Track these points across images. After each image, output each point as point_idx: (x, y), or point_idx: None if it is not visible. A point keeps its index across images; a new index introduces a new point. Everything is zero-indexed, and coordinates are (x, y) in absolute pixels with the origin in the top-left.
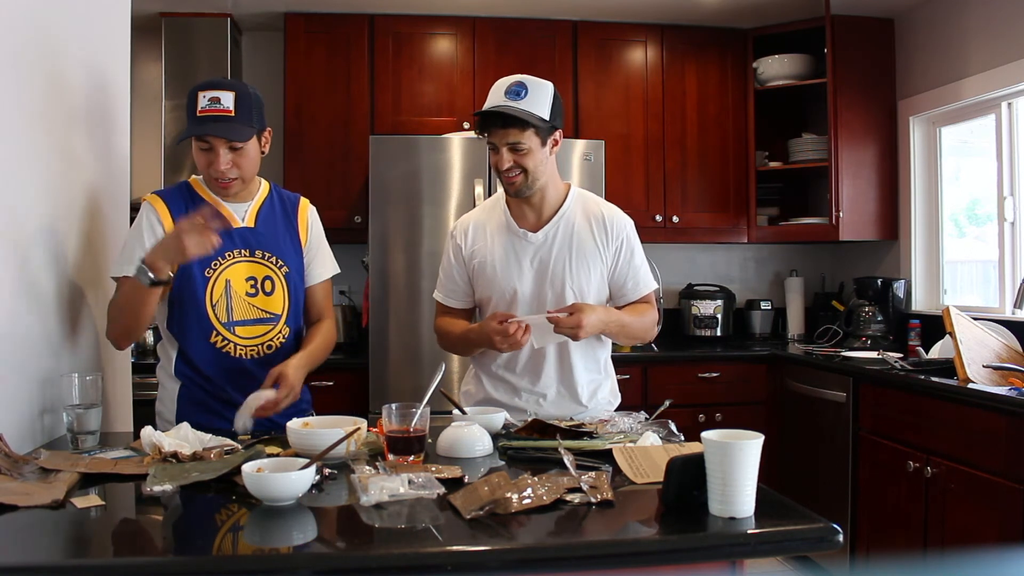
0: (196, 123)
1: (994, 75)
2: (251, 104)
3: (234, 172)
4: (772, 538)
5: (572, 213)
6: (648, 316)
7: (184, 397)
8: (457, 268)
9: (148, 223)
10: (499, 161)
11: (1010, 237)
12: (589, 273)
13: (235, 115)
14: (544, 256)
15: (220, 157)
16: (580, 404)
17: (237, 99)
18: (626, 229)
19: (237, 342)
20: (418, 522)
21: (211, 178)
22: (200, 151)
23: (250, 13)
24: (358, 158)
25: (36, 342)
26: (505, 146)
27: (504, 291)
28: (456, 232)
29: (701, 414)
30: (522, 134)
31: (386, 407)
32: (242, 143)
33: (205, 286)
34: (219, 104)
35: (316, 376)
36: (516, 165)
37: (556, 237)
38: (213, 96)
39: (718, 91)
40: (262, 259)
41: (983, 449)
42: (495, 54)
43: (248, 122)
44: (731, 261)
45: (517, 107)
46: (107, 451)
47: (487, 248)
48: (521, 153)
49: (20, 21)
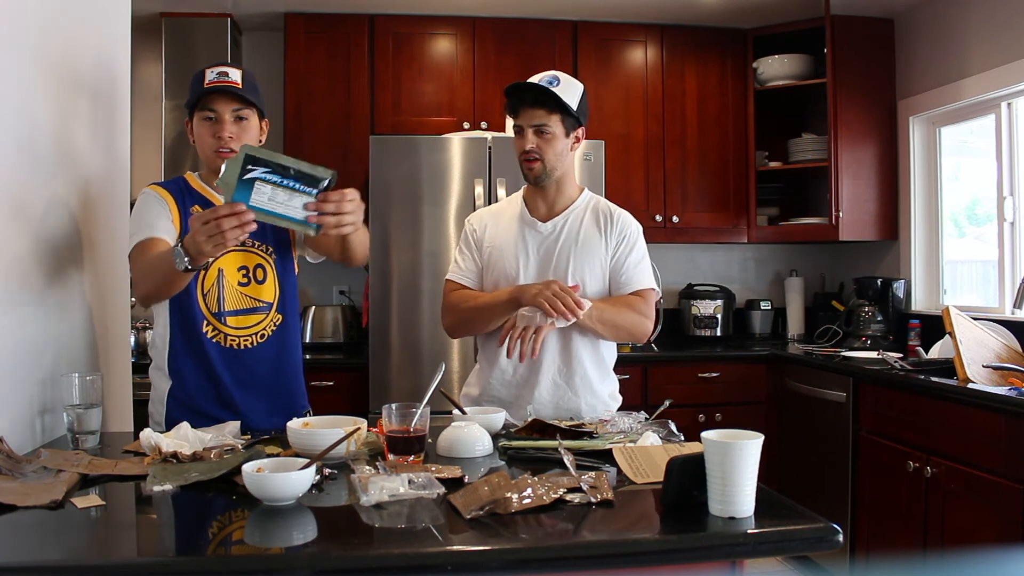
0: (203, 92)
1: (994, 75)
2: (255, 86)
3: (236, 143)
4: (772, 538)
5: (584, 208)
6: (629, 307)
7: (173, 397)
8: (473, 250)
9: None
10: (523, 142)
11: (1010, 237)
12: (592, 266)
13: (242, 87)
14: (550, 246)
15: (225, 125)
16: (578, 397)
17: (244, 76)
18: (632, 227)
19: (228, 332)
20: (418, 522)
21: (212, 150)
22: (204, 122)
23: (250, 13)
24: (358, 158)
25: (36, 342)
26: (531, 128)
27: (507, 276)
28: (472, 219)
29: (701, 414)
30: (549, 116)
31: (386, 407)
32: (248, 110)
33: (197, 275)
34: (227, 77)
35: (316, 376)
36: (537, 149)
37: (564, 228)
38: (221, 71)
39: (718, 91)
40: (252, 247)
41: (983, 449)
42: (495, 54)
43: (254, 96)
44: (731, 261)
45: (551, 90)
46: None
47: (497, 234)
48: (545, 137)
49: (21, 21)
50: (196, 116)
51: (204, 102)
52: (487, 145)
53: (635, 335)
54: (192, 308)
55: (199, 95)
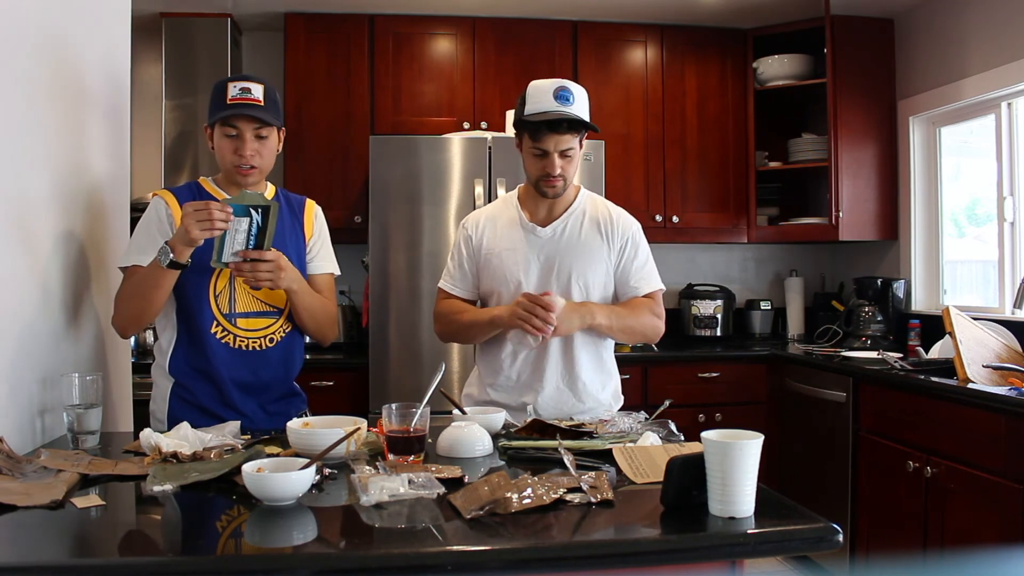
0: (227, 108)
1: (994, 75)
2: (276, 100)
3: (257, 160)
4: (772, 538)
5: (581, 212)
6: (645, 311)
7: (176, 396)
8: (467, 258)
9: (156, 213)
10: (549, 166)
11: (1010, 237)
12: (595, 269)
13: (264, 105)
14: (551, 251)
15: (247, 143)
16: (582, 404)
17: (266, 92)
18: (632, 228)
19: (237, 333)
20: (418, 522)
21: (233, 166)
22: (226, 138)
23: (250, 13)
24: (358, 158)
25: (37, 342)
26: (557, 152)
27: (509, 283)
28: (468, 223)
29: (701, 414)
30: (574, 139)
31: (386, 407)
32: (268, 129)
33: (210, 276)
34: (250, 94)
35: (316, 376)
36: (562, 171)
37: (564, 233)
38: (244, 86)
39: (718, 91)
40: None
41: (983, 449)
42: (495, 54)
43: (275, 114)
44: (731, 261)
45: (575, 113)
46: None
47: (496, 240)
48: (568, 158)
49: (21, 22)
50: (217, 129)
51: (226, 119)
52: (487, 145)
53: (652, 338)
54: (202, 310)
55: (221, 110)
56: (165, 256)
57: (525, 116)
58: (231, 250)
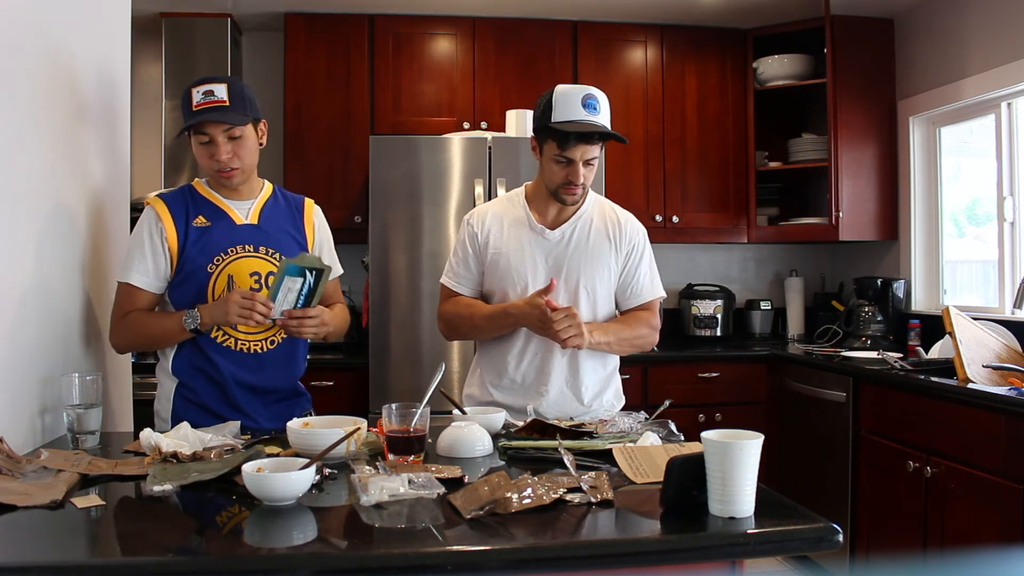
0: (193, 116)
1: (994, 75)
2: (244, 94)
3: (236, 162)
4: (772, 538)
5: (589, 215)
6: (643, 324)
7: (180, 395)
8: (472, 255)
9: (148, 229)
10: (573, 175)
11: (1010, 237)
12: (602, 274)
13: (230, 104)
14: (559, 254)
15: (220, 147)
16: (584, 405)
17: (230, 89)
18: (639, 235)
19: (238, 337)
20: (418, 522)
21: (213, 171)
22: (200, 145)
23: (250, 13)
24: (358, 158)
25: (37, 342)
26: (582, 161)
27: (516, 285)
28: (473, 220)
29: (701, 414)
30: (599, 149)
31: (386, 407)
32: (240, 128)
33: (208, 280)
34: (213, 96)
35: (316, 376)
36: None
37: (573, 236)
38: (207, 89)
39: (718, 91)
40: (266, 255)
41: (983, 449)
42: (495, 54)
43: (243, 110)
44: (731, 261)
45: (602, 123)
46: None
47: (503, 240)
48: (591, 167)
49: (21, 22)
50: (192, 137)
51: (197, 126)
52: (487, 145)
53: (645, 349)
54: None
55: (189, 118)
56: (193, 322)
57: (553, 123)
58: (280, 308)
